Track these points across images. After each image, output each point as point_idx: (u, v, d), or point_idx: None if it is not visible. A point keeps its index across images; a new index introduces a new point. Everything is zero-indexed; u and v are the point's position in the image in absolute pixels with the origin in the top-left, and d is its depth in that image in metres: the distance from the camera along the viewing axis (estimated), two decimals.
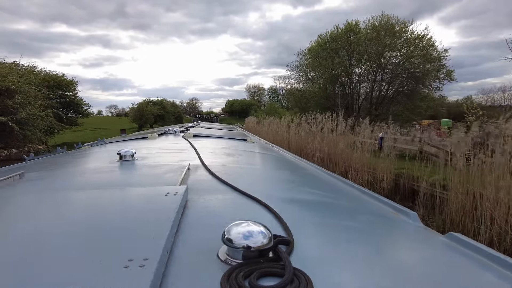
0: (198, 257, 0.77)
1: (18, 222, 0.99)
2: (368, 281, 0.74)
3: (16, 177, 1.75)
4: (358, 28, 24.57)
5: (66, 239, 0.81)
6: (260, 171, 2.41)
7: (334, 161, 8.77)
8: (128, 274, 0.61)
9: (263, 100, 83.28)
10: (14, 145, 9.93)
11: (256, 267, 0.69)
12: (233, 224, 0.78)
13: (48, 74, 19.36)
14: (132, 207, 1.10)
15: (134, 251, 0.70)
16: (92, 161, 2.65)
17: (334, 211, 1.46)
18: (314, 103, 25.29)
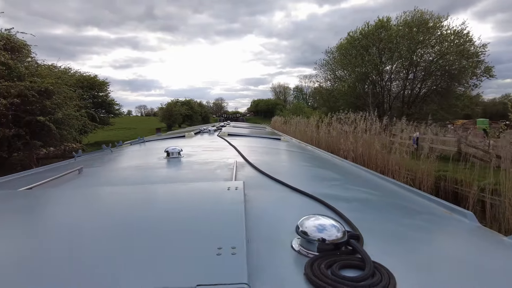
0: (273, 247, 0.80)
1: (97, 213, 1.04)
2: (433, 281, 0.72)
3: (76, 172, 1.88)
4: (390, 25, 23.71)
5: (153, 230, 0.84)
6: (303, 168, 2.39)
7: (369, 163, 8.40)
8: (225, 261, 0.64)
9: (288, 100, 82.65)
10: (52, 144, 10.29)
11: (336, 258, 0.70)
12: (305, 218, 0.80)
13: (82, 75, 20.01)
14: (203, 200, 1.13)
15: (220, 240, 0.72)
16: (141, 158, 2.70)
17: (388, 209, 1.43)
18: (344, 102, 24.67)
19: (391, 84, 25.36)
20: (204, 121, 46.16)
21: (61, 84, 10.40)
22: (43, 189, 1.50)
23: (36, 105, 9.20)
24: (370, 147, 8.64)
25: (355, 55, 24.31)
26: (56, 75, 10.74)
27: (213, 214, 0.95)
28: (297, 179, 1.80)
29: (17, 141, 8.88)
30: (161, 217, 0.97)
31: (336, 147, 10.40)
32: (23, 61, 10.29)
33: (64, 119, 9.92)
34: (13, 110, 8.75)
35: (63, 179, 1.72)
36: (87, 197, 1.24)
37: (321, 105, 32.19)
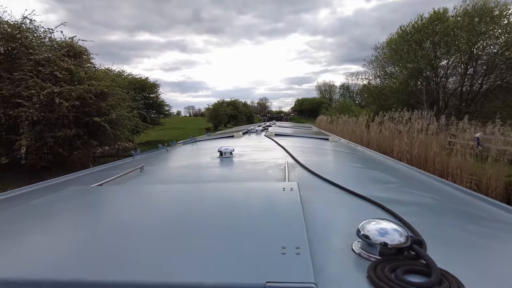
0: (333, 250, 0.79)
1: (160, 209, 1.09)
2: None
3: (138, 170, 2.01)
4: (446, 16, 21.91)
5: (214, 227, 0.86)
6: (355, 170, 2.32)
7: (425, 165, 7.72)
8: (290, 260, 0.64)
9: (334, 98, 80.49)
10: (106, 143, 10.89)
11: (399, 263, 0.69)
12: (366, 222, 0.79)
13: (134, 77, 21.09)
14: (261, 200, 1.13)
15: (283, 239, 0.73)
16: (194, 157, 2.78)
17: (450, 214, 1.36)
18: (395, 99, 23.32)
19: (446, 81, 23.46)
20: (249, 121, 46.51)
21: (115, 87, 10.97)
22: (111, 185, 1.61)
23: (93, 106, 9.79)
24: (427, 148, 7.95)
25: (407, 50, 22.83)
26: (111, 78, 11.34)
27: (273, 214, 0.96)
28: (349, 181, 1.76)
29: (76, 140, 9.51)
30: (221, 214, 0.98)
31: (389, 148, 9.75)
32: (83, 66, 11.02)
33: (117, 120, 10.44)
34: (74, 112, 9.38)
35: (128, 176, 1.87)
36: (149, 194, 1.31)
37: (370, 103, 30.74)
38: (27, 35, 9.90)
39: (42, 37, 10.63)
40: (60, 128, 9.11)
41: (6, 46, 9.61)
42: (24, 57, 9.44)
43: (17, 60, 9.43)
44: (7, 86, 8.73)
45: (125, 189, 1.48)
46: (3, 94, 8.56)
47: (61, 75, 9.29)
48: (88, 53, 11.60)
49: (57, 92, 8.82)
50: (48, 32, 10.70)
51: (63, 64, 9.55)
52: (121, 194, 1.35)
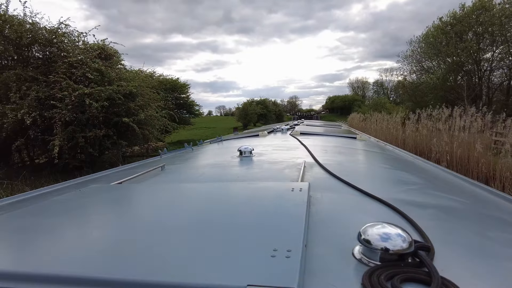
0: (333, 254, 0.77)
1: (170, 207, 1.11)
2: None
3: (159, 168, 2.06)
4: (492, 4, 20.26)
5: (210, 227, 0.86)
6: (378, 170, 2.25)
7: (469, 168, 7.02)
8: (277, 263, 0.63)
9: (367, 95, 78.18)
10: (136, 143, 11.05)
11: (399, 270, 0.67)
12: (369, 225, 0.76)
13: (165, 78, 21.47)
14: (266, 200, 1.13)
15: (276, 242, 0.72)
16: (216, 156, 2.82)
17: (474, 219, 1.28)
18: (433, 96, 21.98)
19: (490, 74, 21.73)
20: (278, 119, 46.28)
21: (143, 87, 11.10)
22: (130, 183, 1.65)
23: (122, 107, 9.94)
24: (470, 148, 7.24)
25: (447, 43, 21.41)
26: (140, 78, 11.49)
27: (272, 215, 0.95)
28: (370, 182, 1.74)
29: (106, 140, 9.71)
30: (220, 215, 0.98)
31: (427, 148, 9.06)
32: (114, 68, 11.25)
33: (146, 120, 10.54)
34: (103, 113, 9.58)
35: (148, 175, 1.91)
36: (164, 192, 1.34)
37: (405, 100, 29.25)
38: (62, 39, 10.26)
39: (76, 41, 11.00)
40: (90, 128, 9.33)
41: (44, 50, 10.01)
42: (59, 60, 9.78)
43: (52, 64, 9.78)
44: (43, 89, 9.06)
45: (141, 187, 1.53)
46: (39, 97, 8.89)
47: (92, 76, 9.52)
48: (118, 54, 11.83)
49: (88, 93, 9.02)
50: (82, 35, 11.05)
51: (94, 65, 9.77)
52: (135, 192, 1.39)
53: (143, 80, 11.53)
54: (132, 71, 12.87)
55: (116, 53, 11.87)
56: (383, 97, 60.08)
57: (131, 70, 13.03)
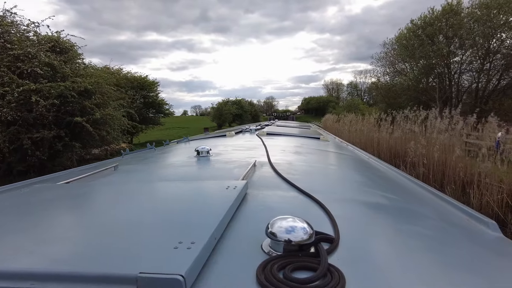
0: (244, 247, 0.82)
1: (104, 207, 1.15)
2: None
3: (111, 169, 2.06)
4: (460, 8, 20.62)
5: (133, 223, 0.91)
6: (326, 170, 2.35)
7: (447, 173, 6.65)
8: (176, 253, 0.68)
9: (341, 97, 79.49)
10: (92, 145, 10.08)
11: (293, 260, 0.72)
12: (278, 218, 0.82)
13: (133, 75, 20.32)
14: (194, 198, 1.20)
15: (185, 235, 0.77)
16: (174, 156, 2.87)
17: (398, 214, 1.36)
18: (406, 97, 22.14)
19: (459, 77, 22.16)
20: (254, 119, 46.02)
21: (102, 84, 10.15)
22: (77, 183, 1.64)
23: (76, 105, 8.98)
24: (448, 152, 6.90)
25: (418, 45, 21.61)
26: (98, 75, 10.50)
27: (193, 211, 1.01)
28: (312, 181, 1.80)
29: (57, 142, 8.72)
30: (143, 212, 1.03)
31: (402, 151, 8.70)
32: (71, 63, 10.22)
33: (103, 120, 9.60)
34: (54, 111, 8.59)
35: (99, 175, 1.89)
36: (105, 191, 1.39)
37: (379, 101, 29.48)
38: (7, 29, 9.16)
39: (27, 31, 9.89)
40: (38, 129, 8.32)
41: None
42: (3, 52, 8.69)
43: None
44: None
45: (85, 186, 1.54)
46: None
47: (41, 72, 8.51)
48: (75, 48, 10.78)
49: (34, 89, 8.03)
50: (33, 25, 9.93)
51: (45, 59, 8.75)
52: (79, 191, 1.39)
53: (102, 77, 10.52)
54: (92, 67, 11.85)
55: (73, 47, 10.82)
56: (357, 98, 61.05)
57: (91, 66, 12.00)
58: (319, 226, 0.88)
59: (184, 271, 0.60)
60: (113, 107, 10.96)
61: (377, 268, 0.76)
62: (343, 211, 1.17)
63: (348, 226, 1.00)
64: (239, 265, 0.73)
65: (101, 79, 10.15)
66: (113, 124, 10.27)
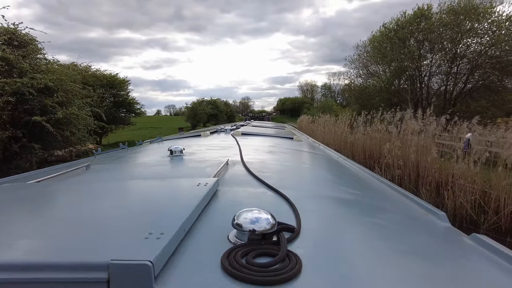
0: (212, 238, 0.87)
1: (77, 203, 1.16)
2: (372, 276, 0.76)
3: (83, 168, 2.06)
4: (431, 13, 21.29)
5: (105, 217, 0.96)
6: (296, 168, 2.41)
7: (424, 173, 6.64)
8: (146, 243, 0.72)
9: (316, 98, 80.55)
10: (54, 146, 9.39)
11: (255, 247, 0.77)
12: (244, 211, 0.87)
13: (102, 73, 19.38)
14: (166, 194, 1.26)
15: (155, 227, 0.81)
16: (147, 156, 2.86)
17: (360, 208, 1.46)
18: (379, 99, 22.57)
19: (429, 80, 22.89)
20: (230, 120, 45.66)
21: (66, 81, 9.48)
22: (48, 182, 1.63)
23: (35, 104, 8.30)
24: (422, 153, 6.90)
25: (391, 47, 22.12)
26: (61, 71, 9.80)
27: (161, 205, 1.06)
28: (282, 178, 1.86)
29: (13, 143, 8.02)
30: (125, 206, 1.09)
31: (376, 153, 8.70)
32: (32, 58, 9.46)
33: (67, 119, 8.95)
34: (10, 110, 7.90)
35: (71, 174, 1.88)
36: (77, 190, 1.39)
37: (352, 102, 29.94)
38: None
39: None
40: None
41: None
42: None
43: None
44: None
45: (56, 185, 1.54)
46: None
47: None
48: (36, 43, 10.01)
49: None
50: None
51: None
52: (50, 190, 1.41)
53: (65, 73, 9.83)
54: (57, 63, 11.07)
55: (33, 41, 10.04)
56: (331, 100, 62.05)
57: (55, 62, 11.22)
58: (283, 218, 0.96)
59: (153, 258, 0.64)
60: (79, 106, 10.28)
61: (334, 254, 0.84)
62: (308, 205, 1.26)
63: (311, 218, 1.08)
64: (206, 254, 0.78)
65: (65, 76, 9.45)
66: (78, 124, 9.60)
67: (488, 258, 0.96)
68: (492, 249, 1.00)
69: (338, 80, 69.95)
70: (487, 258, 0.96)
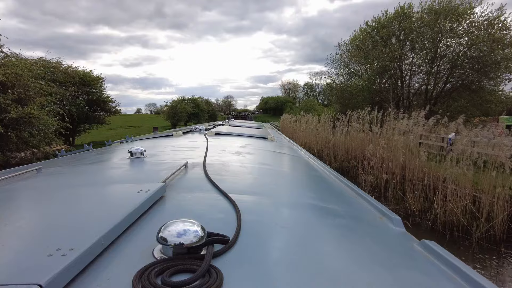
0: (135, 253, 0.78)
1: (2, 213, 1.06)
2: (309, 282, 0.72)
3: (34, 171, 1.95)
4: (412, 13, 21.23)
5: (16, 231, 0.85)
6: (258, 170, 2.32)
7: (412, 176, 6.19)
8: (48, 261, 0.64)
9: (298, 97, 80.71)
10: (12, 149, 8.53)
11: (173, 264, 0.70)
12: (171, 222, 0.79)
13: (74, 70, 18.30)
14: (98, 202, 1.15)
15: (67, 241, 0.72)
16: (107, 158, 2.78)
17: (314, 214, 1.39)
18: (361, 98, 22.37)
19: (410, 79, 22.90)
20: (212, 119, 44.92)
21: (25, 77, 8.63)
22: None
23: None
24: (410, 155, 6.49)
25: (373, 46, 21.98)
26: (19, 65, 8.93)
27: (85, 216, 0.95)
28: (239, 181, 1.80)
29: None
30: (37, 217, 1.00)
31: (360, 154, 8.28)
32: None
33: (24, 119, 8.12)
34: None
35: (16, 178, 1.78)
36: (17, 198, 1.33)
37: (334, 101, 29.72)
38: None
39: None
40: None
41: None
42: None
43: None
44: None
45: (5, 190, 1.45)
46: None
47: None
48: None
49: None
50: None
51: None
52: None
53: (24, 68, 8.95)
54: (16, 57, 10.13)
55: None
56: (313, 99, 62.11)
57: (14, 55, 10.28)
58: (224, 228, 0.93)
59: (45, 280, 0.57)
60: (43, 105, 9.42)
61: (264, 267, 0.77)
62: (257, 211, 1.21)
63: (255, 226, 1.02)
64: (122, 273, 0.69)
65: (22, 70, 8.59)
66: (39, 124, 8.77)
67: (434, 266, 0.96)
68: (439, 256, 0.99)
69: (320, 79, 70.44)
70: (433, 266, 0.96)
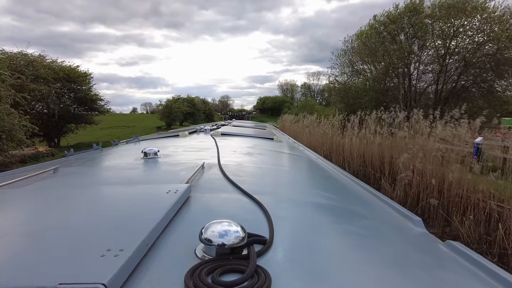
0: (178, 253, 0.80)
1: (33, 215, 1.06)
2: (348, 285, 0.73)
3: (51, 171, 1.91)
4: (422, 8, 20.10)
5: (61, 232, 0.85)
6: (273, 171, 2.35)
7: (449, 193, 5.04)
8: (101, 262, 0.66)
9: (296, 97, 79.84)
10: None
11: (222, 263, 0.71)
12: (212, 223, 0.80)
13: (59, 65, 17.04)
14: (131, 203, 1.15)
15: (114, 242, 0.74)
16: (120, 158, 2.70)
17: (337, 214, 1.42)
18: (369, 98, 21.25)
19: (417, 78, 21.86)
20: (208, 119, 43.79)
21: None
22: (8, 189, 1.51)
23: None
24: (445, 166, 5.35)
25: (380, 43, 20.87)
26: None
27: (124, 217, 0.96)
28: (258, 182, 1.82)
29: None
30: (77, 217, 0.98)
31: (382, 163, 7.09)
32: None
33: None
34: None
35: (35, 178, 1.76)
36: (44, 199, 1.28)
37: (337, 102, 28.52)
38: None
39: None
40: None
41: None
42: None
43: None
44: None
45: (18, 192, 1.45)
46: None
47: None
48: None
49: None
50: None
51: None
52: (10, 197, 1.31)
53: None
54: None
55: None
56: (311, 99, 61.14)
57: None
58: (256, 228, 0.93)
59: (107, 280, 0.59)
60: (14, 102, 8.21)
61: (306, 268, 0.79)
62: (283, 212, 1.23)
63: (286, 226, 1.06)
64: (170, 272, 0.72)
65: None
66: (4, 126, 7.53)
67: (462, 266, 0.95)
68: (466, 257, 0.98)
69: (317, 80, 69.64)
70: (461, 266, 0.95)
